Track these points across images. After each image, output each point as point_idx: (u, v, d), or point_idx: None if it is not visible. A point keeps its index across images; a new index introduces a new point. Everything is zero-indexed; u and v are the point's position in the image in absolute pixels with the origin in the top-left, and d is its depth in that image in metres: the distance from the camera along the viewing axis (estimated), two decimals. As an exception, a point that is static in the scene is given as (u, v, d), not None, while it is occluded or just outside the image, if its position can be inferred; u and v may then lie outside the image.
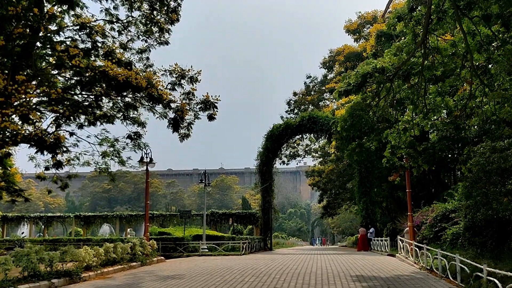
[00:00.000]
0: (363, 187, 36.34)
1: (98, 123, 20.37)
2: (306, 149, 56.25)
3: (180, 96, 19.73)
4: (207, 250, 29.63)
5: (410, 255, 18.65)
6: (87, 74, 16.29)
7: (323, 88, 55.87)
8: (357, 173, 37.34)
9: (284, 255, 27.39)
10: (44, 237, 42.35)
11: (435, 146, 19.19)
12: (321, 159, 57.41)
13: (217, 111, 20.07)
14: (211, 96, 19.74)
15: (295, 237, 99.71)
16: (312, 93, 57.21)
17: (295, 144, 53.84)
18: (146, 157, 23.67)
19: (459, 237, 16.11)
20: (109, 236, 40.26)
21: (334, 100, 51.23)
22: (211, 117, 19.95)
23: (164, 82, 18.79)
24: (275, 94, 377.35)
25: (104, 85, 17.02)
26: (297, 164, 62.95)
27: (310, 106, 55.59)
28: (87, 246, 16.44)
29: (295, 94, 58.09)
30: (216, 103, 19.90)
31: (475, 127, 17.57)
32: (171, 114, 19.72)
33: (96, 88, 18.10)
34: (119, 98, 19.11)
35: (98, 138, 21.92)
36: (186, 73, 19.53)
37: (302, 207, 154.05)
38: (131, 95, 18.66)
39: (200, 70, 19.69)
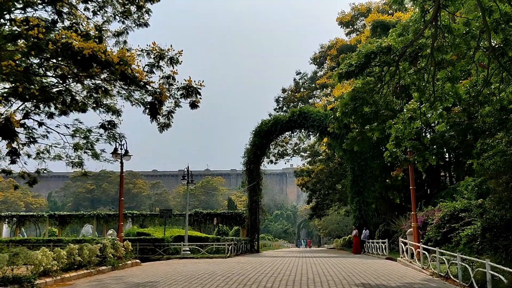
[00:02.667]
0: (356, 186, 34.48)
1: (69, 112, 18.48)
2: (295, 148, 54.31)
3: (159, 80, 17.63)
4: (189, 253, 27.44)
5: (416, 259, 16.61)
6: (48, 48, 13.90)
7: (313, 85, 53.89)
8: (350, 171, 35.49)
9: (273, 258, 25.24)
10: (15, 237, 39.57)
11: (444, 136, 17.20)
12: (310, 158, 55.50)
13: (200, 98, 17.93)
14: (194, 81, 17.59)
15: (281, 239, 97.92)
16: (302, 89, 55.19)
17: (284, 143, 51.97)
18: (121, 149, 21.34)
19: (475, 239, 14.10)
20: (82, 236, 37.56)
21: (325, 96, 49.36)
22: (193, 105, 17.77)
23: (141, 61, 16.59)
24: (262, 96, 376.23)
25: (68, 61, 14.70)
26: (285, 163, 60.81)
27: (299, 103, 53.54)
28: (45, 248, 14.02)
29: (284, 90, 56.08)
30: (200, 89, 17.73)
31: (490, 117, 15.77)
32: (149, 99, 17.66)
33: (62, 67, 15.89)
34: (88, 79, 16.86)
35: (69, 128, 19.96)
36: (166, 53, 17.29)
37: (288, 209, 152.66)
38: (102, 75, 16.42)
39: (181, 50, 17.48)
